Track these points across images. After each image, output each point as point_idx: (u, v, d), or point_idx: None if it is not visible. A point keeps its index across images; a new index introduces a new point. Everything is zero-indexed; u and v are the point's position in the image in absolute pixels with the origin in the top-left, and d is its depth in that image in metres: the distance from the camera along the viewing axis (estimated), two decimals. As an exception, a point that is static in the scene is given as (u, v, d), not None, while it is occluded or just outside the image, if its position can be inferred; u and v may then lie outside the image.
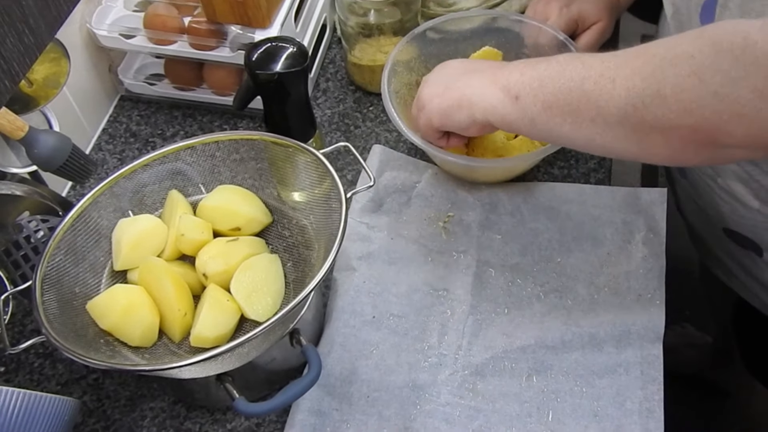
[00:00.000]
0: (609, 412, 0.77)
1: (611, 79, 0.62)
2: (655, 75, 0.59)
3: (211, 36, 0.98)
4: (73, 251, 0.77)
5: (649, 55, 0.61)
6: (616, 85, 0.62)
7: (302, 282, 0.79)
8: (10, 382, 0.85)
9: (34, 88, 0.89)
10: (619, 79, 0.61)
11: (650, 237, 0.87)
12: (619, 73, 0.62)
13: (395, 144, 1.02)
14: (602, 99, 0.63)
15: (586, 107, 0.64)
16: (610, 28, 1.05)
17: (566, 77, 0.66)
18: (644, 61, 0.60)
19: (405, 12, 1.01)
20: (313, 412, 0.78)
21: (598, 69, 0.63)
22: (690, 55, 0.57)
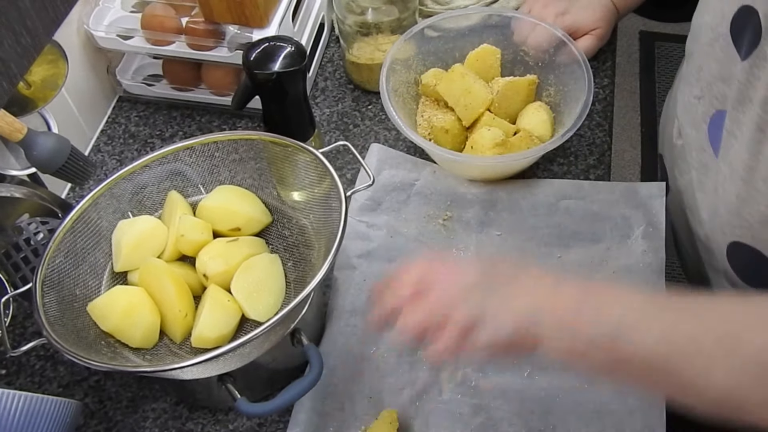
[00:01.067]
0: (611, 408, 0.77)
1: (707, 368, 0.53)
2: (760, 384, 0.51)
3: (209, 36, 0.98)
4: (73, 253, 0.77)
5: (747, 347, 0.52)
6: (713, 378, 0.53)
7: (303, 281, 0.79)
8: (11, 384, 0.85)
9: (32, 89, 0.89)
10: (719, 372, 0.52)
11: (649, 231, 0.87)
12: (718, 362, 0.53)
13: (394, 142, 1.02)
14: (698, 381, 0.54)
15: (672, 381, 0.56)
16: (607, 35, 1.05)
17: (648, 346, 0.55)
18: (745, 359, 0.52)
19: (402, 10, 1.01)
20: (316, 412, 0.78)
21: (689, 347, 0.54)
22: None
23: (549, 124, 0.96)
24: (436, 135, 0.95)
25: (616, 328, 0.55)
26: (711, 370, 0.52)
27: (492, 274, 0.62)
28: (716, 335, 0.53)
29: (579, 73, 0.92)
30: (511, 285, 0.61)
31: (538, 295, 0.60)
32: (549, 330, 0.58)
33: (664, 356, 0.54)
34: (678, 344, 0.54)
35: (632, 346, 0.55)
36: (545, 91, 0.99)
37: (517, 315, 0.59)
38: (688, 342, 0.53)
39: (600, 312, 0.57)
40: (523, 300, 0.60)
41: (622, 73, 2.32)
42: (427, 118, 0.97)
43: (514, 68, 1.01)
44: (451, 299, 0.61)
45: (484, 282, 0.62)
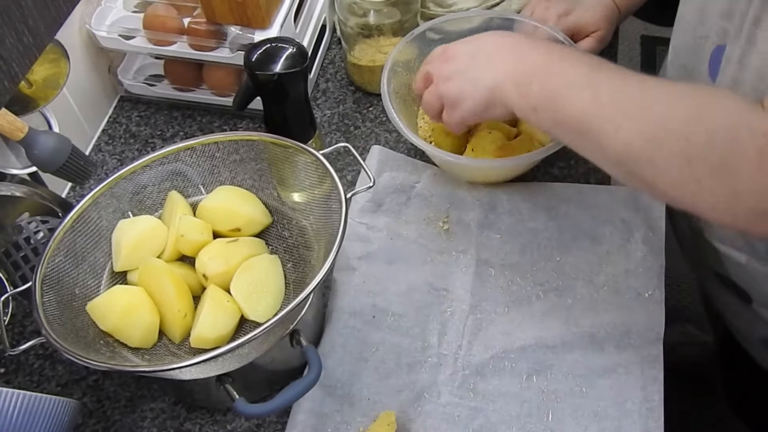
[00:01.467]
0: (609, 412, 0.77)
1: (615, 127, 0.64)
2: (651, 141, 0.62)
3: (211, 37, 0.98)
4: (73, 252, 0.77)
5: (654, 111, 0.63)
6: (618, 134, 0.64)
7: (302, 282, 0.79)
8: (10, 383, 0.85)
9: (33, 89, 0.89)
10: (622, 130, 0.64)
11: (649, 235, 0.87)
12: (624, 123, 0.63)
13: (395, 144, 1.02)
14: (604, 140, 0.65)
15: (590, 140, 0.67)
16: (609, 36, 1.05)
17: (578, 107, 0.67)
18: (649, 118, 0.62)
19: (404, 12, 1.01)
20: (315, 413, 0.78)
21: (607, 109, 0.65)
22: (686, 136, 0.60)
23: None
24: (436, 137, 0.95)
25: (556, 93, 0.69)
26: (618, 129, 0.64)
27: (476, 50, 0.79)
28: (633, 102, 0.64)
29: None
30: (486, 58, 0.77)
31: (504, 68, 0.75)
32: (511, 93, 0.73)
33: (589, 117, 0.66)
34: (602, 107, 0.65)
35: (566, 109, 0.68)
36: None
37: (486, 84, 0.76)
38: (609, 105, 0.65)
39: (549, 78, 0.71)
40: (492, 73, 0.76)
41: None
42: (428, 121, 0.97)
43: (515, 71, 1.01)
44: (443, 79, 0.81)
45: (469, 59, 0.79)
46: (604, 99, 0.66)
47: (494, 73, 0.76)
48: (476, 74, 0.78)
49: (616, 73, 0.67)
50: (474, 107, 0.79)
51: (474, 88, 0.78)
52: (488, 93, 0.76)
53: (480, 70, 0.77)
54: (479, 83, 0.77)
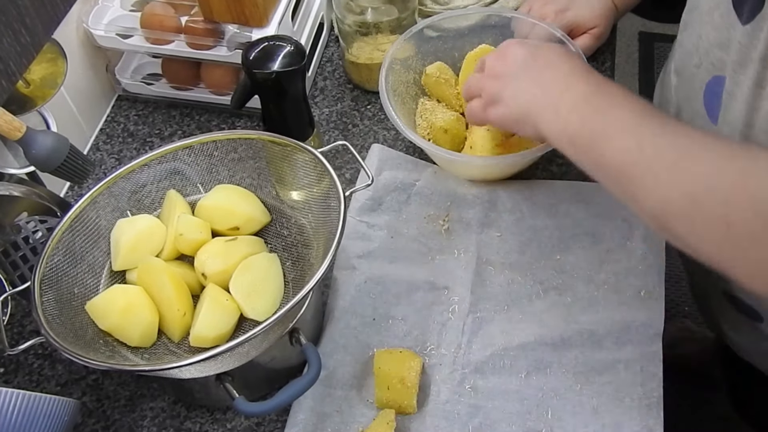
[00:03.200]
0: (609, 408, 0.77)
1: (655, 180, 0.61)
2: (691, 200, 0.59)
3: (209, 35, 0.98)
4: (71, 252, 0.77)
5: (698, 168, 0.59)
6: (657, 188, 0.61)
7: (301, 281, 0.79)
8: (9, 383, 0.85)
9: (31, 88, 0.89)
10: (662, 184, 0.61)
11: (650, 233, 0.87)
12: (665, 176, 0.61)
13: (393, 142, 1.02)
14: (640, 191, 0.62)
15: (627, 188, 0.64)
16: (607, 33, 1.05)
17: (618, 152, 0.64)
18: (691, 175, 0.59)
19: (402, 10, 1.01)
20: (315, 412, 0.78)
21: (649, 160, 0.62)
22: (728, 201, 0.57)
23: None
24: (435, 135, 0.95)
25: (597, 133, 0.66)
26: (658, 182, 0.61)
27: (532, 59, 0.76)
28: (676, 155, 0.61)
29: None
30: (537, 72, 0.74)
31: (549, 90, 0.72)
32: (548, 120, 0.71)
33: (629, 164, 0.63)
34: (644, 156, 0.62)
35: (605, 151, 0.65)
36: (545, 91, 0.99)
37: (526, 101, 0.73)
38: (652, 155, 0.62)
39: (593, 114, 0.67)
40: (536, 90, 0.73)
41: (621, 73, 2.32)
42: (426, 118, 0.97)
43: (514, 68, 1.01)
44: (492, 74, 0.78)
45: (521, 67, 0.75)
46: (648, 149, 0.62)
47: (538, 91, 0.73)
48: (521, 84, 0.75)
49: (662, 122, 0.64)
50: (503, 116, 0.77)
51: (512, 97, 0.75)
52: (523, 110, 0.74)
53: (526, 82, 0.74)
54: (519, 95, 0.74)
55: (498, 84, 0.77)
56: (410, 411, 0.78)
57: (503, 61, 0.78)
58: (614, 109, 0.67)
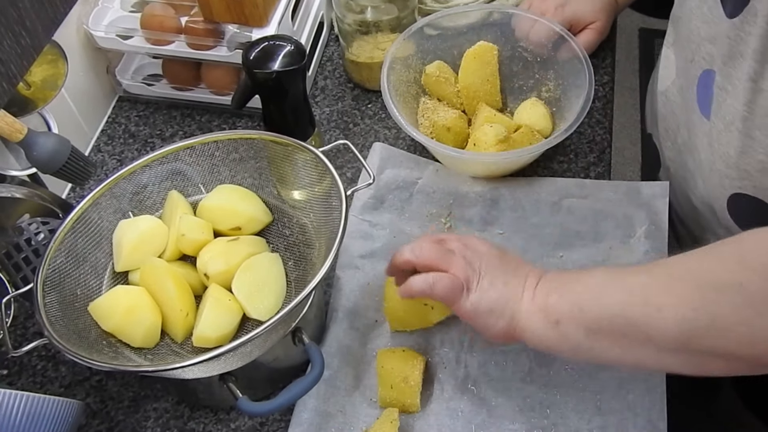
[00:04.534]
0: (612, 405, 0.77)
1: (657, 308, 0.59)
2: (705, 307, 0.57)
3: (209, 35, 0.98)
4: (74, 253, 0.77)
5: (691, 279, 0.58)
6: (664, 315, 0.58)
7: (303, 280, 0.79)
8: (13, 385, 0.85)
9: (32, 90, 0.89)
10: (666, 309, 0.58)
11: (652, 230, 0.87)
12: (664, 300, 0.58)
13: (394, 141, 1.02)
14: (652, 328, 0.59)
15: (634, 334, 0.61)
16: (607, 28, 1.05)
17: (607, 303, 0.62)
18: (688, 288, 0.58)
19: (402, 8, 1.01)
20: (319, 412, 0.78)
21: (639, 294, 0.60)
22: (739, 284, 0.55)
23: (549, 118, 0.96)
24: (438, 133, 0.95)
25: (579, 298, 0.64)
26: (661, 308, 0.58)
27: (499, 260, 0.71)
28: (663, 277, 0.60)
29: (579, 68, 0.92)
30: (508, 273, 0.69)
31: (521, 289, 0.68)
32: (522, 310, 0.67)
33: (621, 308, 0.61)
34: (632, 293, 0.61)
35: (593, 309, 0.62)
36: (544, 86, 0.99)
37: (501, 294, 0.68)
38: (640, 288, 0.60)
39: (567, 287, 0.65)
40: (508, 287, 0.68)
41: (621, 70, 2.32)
42: (428, 117, 0.97)
43: (513, 64, 1.01)
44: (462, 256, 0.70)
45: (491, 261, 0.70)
46: (636, 289, 0.61)
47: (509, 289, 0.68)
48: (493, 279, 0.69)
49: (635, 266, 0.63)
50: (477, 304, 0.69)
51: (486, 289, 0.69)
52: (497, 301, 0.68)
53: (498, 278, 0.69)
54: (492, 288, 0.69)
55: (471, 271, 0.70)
56: (414, 410, 0.78)
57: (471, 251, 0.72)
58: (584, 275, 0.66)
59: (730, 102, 0.69)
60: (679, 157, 0.85)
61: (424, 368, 0.79)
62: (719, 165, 0.75)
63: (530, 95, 1.00)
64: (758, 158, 0.69)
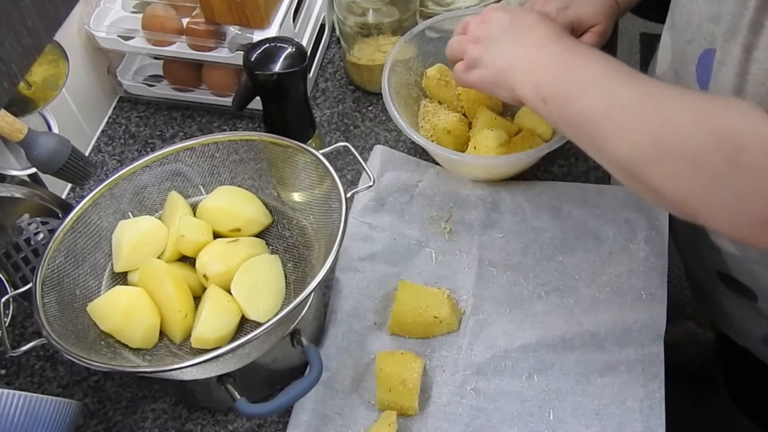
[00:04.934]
0: (610, 410, 0.77)
1: (623, 128, 0.64)
2: (658, 143, 0.61)
3: (210, 37, 0.98)
4: (73, 253, 0.77)
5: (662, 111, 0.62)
6: (625, 136, 0.63)
7: (303, 282, 0.79)
8: (11, 384, 0.85)
9: (32, 90, 0.89)
10: (629, 131, 0.63)
11: (652, 235, 0.87)
12: (632, 124, 0.63)
13: (395, 143, 1.02)
14: (610, 140, 0.65)
15: (596, 140, 0.67)
16: (609, 31, 1.05)
17: (587, 106, 0.67)
18: (655, 122, 0.62)
19: (403, 11, 1.01)
20: (317, 415, 0.78)
21: (616, 110, 0.65)
22: (693, 137, 0.59)
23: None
24: (438, 136, 0.95)
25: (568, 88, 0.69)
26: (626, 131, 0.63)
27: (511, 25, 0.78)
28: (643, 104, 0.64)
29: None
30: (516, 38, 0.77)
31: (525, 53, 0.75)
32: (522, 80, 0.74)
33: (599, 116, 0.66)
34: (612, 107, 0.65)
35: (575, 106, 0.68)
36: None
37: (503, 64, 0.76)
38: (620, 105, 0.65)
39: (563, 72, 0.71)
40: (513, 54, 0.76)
41: (622, 74, 2.31)
42: (429, 120, 0.97)
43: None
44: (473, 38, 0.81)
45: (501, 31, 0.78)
46: (616, 100, 0.65)
47: (514, 54, 0.76)
48: (500, 48, 0.78)
49: (629, 74, 0.67)
50: (483, 79, 0.79)
51: (491, 60, 0.78)
52: (500, 72, 0.77)
53: (505, 46, 0.77)
54: (497, 59, 0.77)
55: (478, 48, 0.80)
56: (412, 413, 0.78)
57: (485, 26, 0.81)
58: (583, 64, 0.70)
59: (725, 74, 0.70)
60: None
61: (422, 371, 0.79)
62: None
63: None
64: None
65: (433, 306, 0.82)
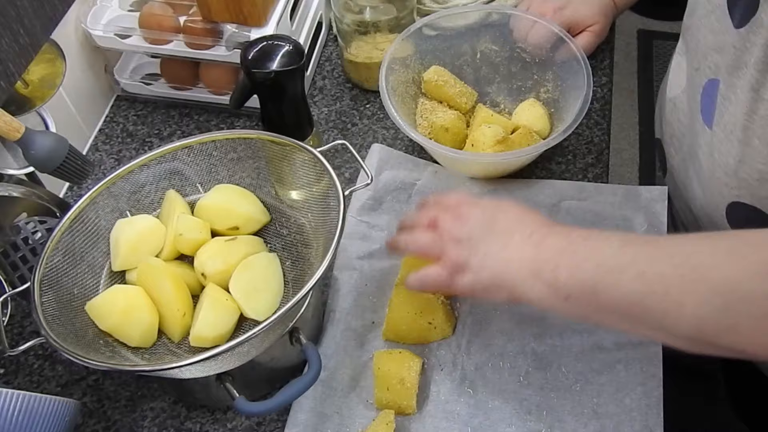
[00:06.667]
0: (608, 408, 0.77)
1: (679, 303, 0.57)
2: (728, 311, 0.56)
3: (207, 35, 0.97)
4: (71, 252, 0.77)
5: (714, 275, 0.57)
6: (684, 311, 0.57)
7: (301, 280, 0.79)
8: (9, 384, 0.85)
9: (30, 89, 0.89)
10: (688, 305, 0.57)
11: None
12: (687, 297, 0.57)
13: (392, 141, 1.02)
14: (668, 319, 0.58)
15: (649, 320, 0.60)
16: (606, 30, 1.05)
17: (625, 289, 0.60)
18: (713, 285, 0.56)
19: (400, 9, 1.01)
20: (315, 413, 0.78)
21: (660, 285, 0.58)
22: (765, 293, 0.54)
23: (547, 119, 0.96)
24: (436, 133, 0.95)
25: (592, 278, 0.62)
26: (682, 305, 0.57)
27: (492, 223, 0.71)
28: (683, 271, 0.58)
29: (578, 69, 0.92)
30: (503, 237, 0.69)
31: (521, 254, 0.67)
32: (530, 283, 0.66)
33: (639, 298, 0.59)
34: (651, 284, 0.58)
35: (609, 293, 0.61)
36: (543, 87, 0.99)
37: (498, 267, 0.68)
38: (660, 280, 0.58)
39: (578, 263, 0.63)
40: (506, 256, 0.68)
41: (620, 71, 2.32)
42: (427, 118, 0.97)
43: (511, 65, 1.01)
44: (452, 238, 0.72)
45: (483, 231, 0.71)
46: (650, 275, 0.59)
47: (508, 255, 0.68)
48: (486, 249, 0.70)
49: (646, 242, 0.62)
50: (475, 284, 0.70)
51: (480, 264, 0.70)
52: (495, 276, 0.69)
53: (492, 246, 0.69)
54: (488, 261, 0.69)
55: (461, 251, 0.71)
56: (410, 411, 0.78)
57: (460, 224, 0.73)
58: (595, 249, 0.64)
59: (731, 111, 0.69)
60: (682, 164, 0.86)
61: (420, 370, 0.79)
62: (719, 174, 0.75)
63: (529, 96, 1.00)
64: (757, 167, 0.69)
65: (428, 312, 0.82)
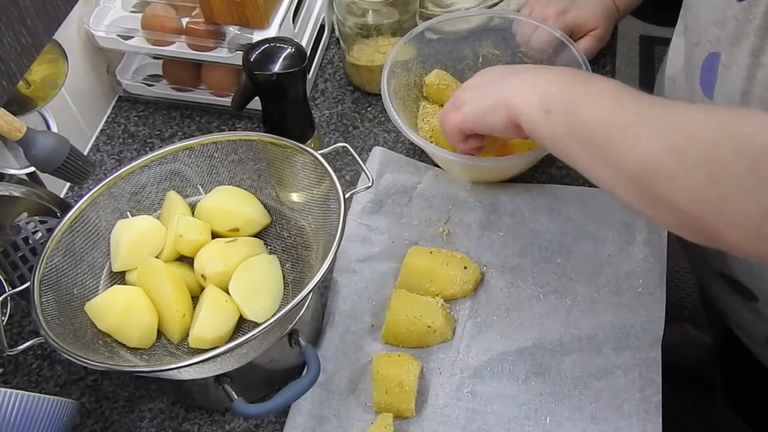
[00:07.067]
0: (607, 414, 0.77)
1: (636, 136, 0.60)
2: (674, 152, 0.58)
3: (209, 37, 0.98)
4: (71, 252, 0.77)
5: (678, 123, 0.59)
6: (638, 144, 0.60)
7: (301, 283, 0.79)
8: (8, 383, 0.85)
9: (31, 89, 0.89)
10: (642, 141, 0.60)
11: (652, 237, 0.87)
12: (646, 134, 0.60)
13: (393, 144, 1.02)
14: (622, 149, 0.61)
15: (605, 149, 0.63)
16: (608, 35, 1.05)
17: (599, 113, 0.64)
18: (671, 130, 0.59)
19: (403, 12, 1.01)
20: (313, 416, 0.78)
21: (629, 116, 0.62)
22: (712, 144, 0.56)
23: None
24: (437, 137, 0.95)
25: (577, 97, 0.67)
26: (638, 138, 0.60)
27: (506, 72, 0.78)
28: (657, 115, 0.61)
29: (579, 75, 0.92)
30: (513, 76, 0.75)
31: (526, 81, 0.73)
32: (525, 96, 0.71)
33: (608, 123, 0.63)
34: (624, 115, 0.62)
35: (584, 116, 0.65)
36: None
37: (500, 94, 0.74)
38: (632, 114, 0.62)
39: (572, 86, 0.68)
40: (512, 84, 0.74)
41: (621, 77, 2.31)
42: (428, 121, 0.97)
43: (514, 71, 1.01)
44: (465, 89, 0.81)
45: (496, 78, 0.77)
46: (629, 109, 0.62)
47: (510, 86, 0.74)
48: (493, 87, 0.76)
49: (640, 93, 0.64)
50: (474, 110, 0.78)
51: (482, 96, 0.77)
52: (494, 97, 0.75)
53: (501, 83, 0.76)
54: (488, 93, 0.76)
55: (468, 92, 0.80)
56: (408, 415, 0.78)
57: (479, 77, 0.81)
58: (592, 80, 0.69)
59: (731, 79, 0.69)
60: None
61: (419, 374, 0.79)
62: None
63: (530, 101, 1.00)
64: None
65: (427, 315, 0.82)
